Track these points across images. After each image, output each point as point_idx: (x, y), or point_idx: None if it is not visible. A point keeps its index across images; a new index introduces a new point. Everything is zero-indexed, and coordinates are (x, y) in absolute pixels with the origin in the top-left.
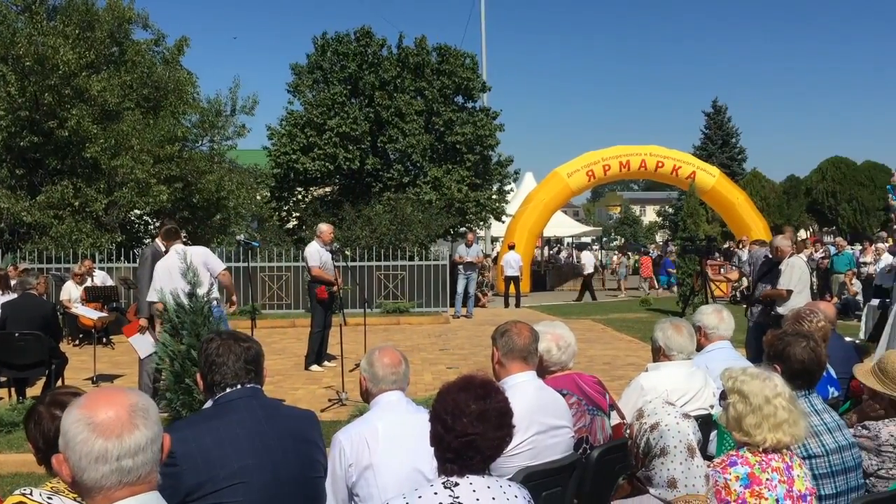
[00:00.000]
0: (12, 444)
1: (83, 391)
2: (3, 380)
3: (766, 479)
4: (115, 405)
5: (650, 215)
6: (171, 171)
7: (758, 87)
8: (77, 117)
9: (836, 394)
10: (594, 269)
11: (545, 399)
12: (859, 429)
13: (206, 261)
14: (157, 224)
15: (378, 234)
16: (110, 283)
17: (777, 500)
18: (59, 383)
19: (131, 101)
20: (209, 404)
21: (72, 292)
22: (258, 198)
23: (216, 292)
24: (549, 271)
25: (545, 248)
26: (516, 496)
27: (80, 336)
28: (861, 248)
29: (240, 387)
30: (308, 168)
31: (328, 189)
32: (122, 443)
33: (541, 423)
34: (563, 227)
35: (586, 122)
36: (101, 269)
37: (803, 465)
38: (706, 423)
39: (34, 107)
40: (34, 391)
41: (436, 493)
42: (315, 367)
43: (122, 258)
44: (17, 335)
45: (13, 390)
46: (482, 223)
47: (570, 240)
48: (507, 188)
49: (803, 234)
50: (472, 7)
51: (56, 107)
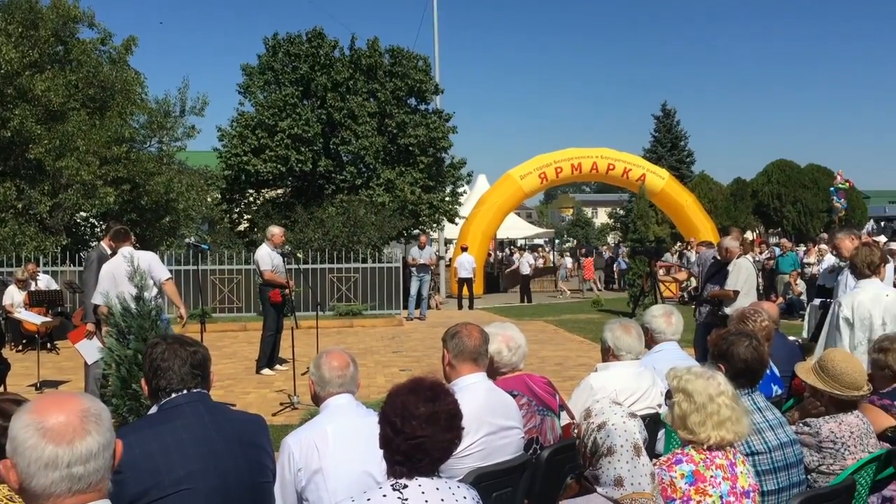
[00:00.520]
0: None
1: (25, 399)
2: None
3: (711, 477)
4: (67, 410)
5: (602, 217)
6: (118, 172)
7: (705, 91)
8: (20, 117)
9: (780, 392)
10: (531, 272)
11: (495, 400)
12: (801, 426)
13: (150, 268)
14: (104, 227)
15: (331, 237)
16: (55, 287)
17: (721, 497)
18: (0, 390)
19: (77, 101)
20: (154, 410)
21: (14, 297)
22: (208, 200)
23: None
24: (502, 273)
25: (498, 250)
26: (465, 497)
27: (24, 342)
28: (805, 249)
29: (186, 392)
30: (259, 170)
31: (280, 191)
32: (73, 449)
33: (491, 424)
34: (516, 229)
35: (539, 125)
36: (46, 272)
37: (746, 461)
38: (654, 421)
39: None
40: None
41: (385, 496)
42: (267, 371)
43: (68, 261)
44: None
45: None
46: (435, 225)
47: (523, 242)
48: (461, 190)
49: (750, 235)
50: (425, 10)
51: None
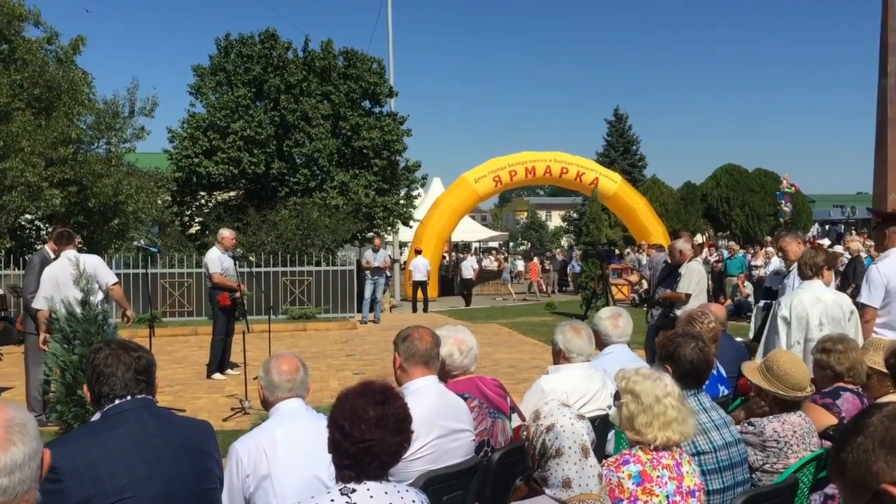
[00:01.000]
0: None
1: None
2: None
3: (657, 477)
4: None
5: (556, 220)
6: (64, 174)
7: (657, 96)
8: None
9: (726, 392)
10: (474, 276)
11: (446, 403)
12: (745, 425)
13: (96, 272)
14: (50, 229)
15: (284, 240)
16: None
17: (667, 497)
18: None
19: (22, 101)
20: (97, 416)
21: None
22: (159, 202)
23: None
24: (457, 276)
25: (453, 253)
26: (414, 501)
27: None
28: (752, 252)
29: (130, 398)
30: (211, 172)
31: (232, 193)
32: None
33: (442, 426)
34: (471, 232)
35: (493, 129)
36: None
37: (692, 461)
38: (604, 423)
39: None
40: None
41: (332, 501)
42: (218, 376)
43: (12, 265)
44: None
45: None
46: (390, 228)
47: (477, 245)
48: (415, 193)
49: (699, 238)
50: (379, 13)
51: None
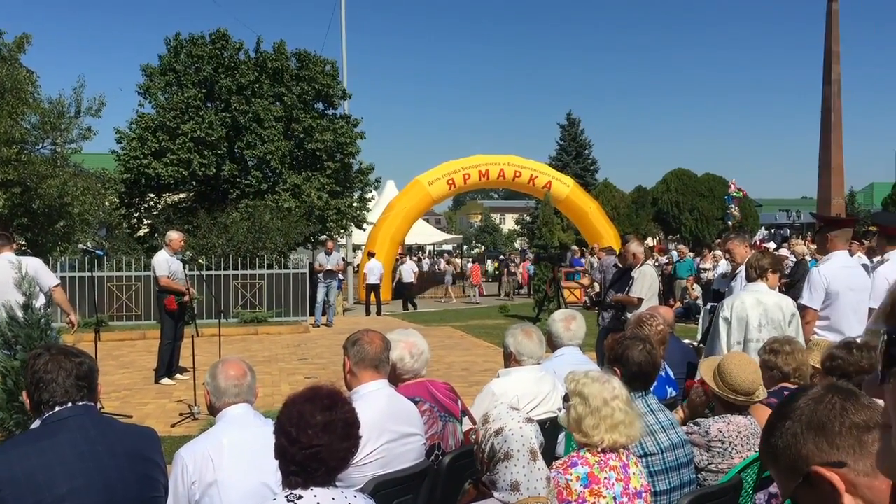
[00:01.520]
0: None
1: None
2: None
3: (605, 478)
4: None
5: (509, 223)
6: (7, 175)
7: (609, 101)
8: None
9: (674, 393)
10: (414, 279)
11: (397, 407)
12: (691, 425)
13: (36, 274)
14: None
15: (235, 242)
16: None
17: (614, 498)
18: None
19: None
20: (37, 424)
21: None
22: (106, 204)
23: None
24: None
25: (407, 255)
26: None
27: None
28: (701, 255)
29: (71, 405)
30: (160, 173)
31: (182, 195)
32: None
33: (392, 431)
34: (425, 235)
35: (447, 132)
36: None
37: (639, 462)
38: (554, 425)
39: None
40: None
41: None
42: (166, 381)
43: None
44: None
45: None
46: (343, 231)
47: (431, 247)
48: (369, 196)
49: (650, 241)
50: (333, 15)
51: None
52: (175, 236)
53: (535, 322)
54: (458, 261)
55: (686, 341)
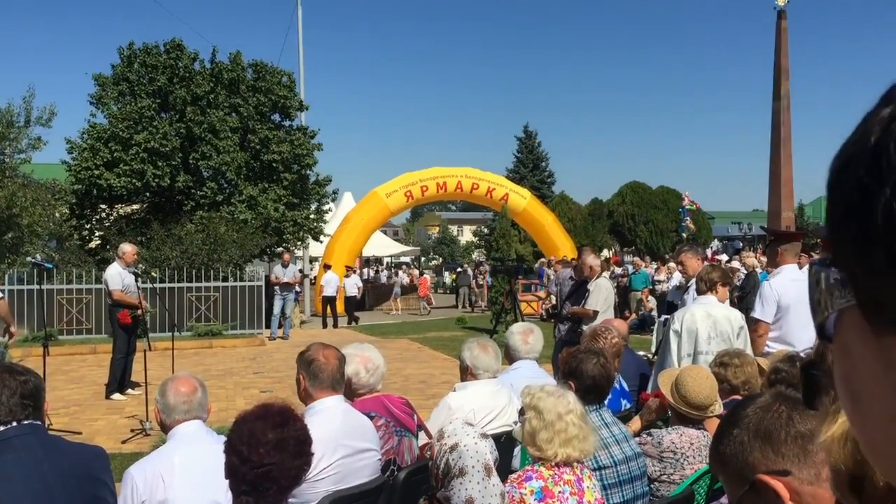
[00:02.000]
0: None
1: None
2: None
3: (559, 492)
4: None
5: (467, 235)
6: None
7: (565, 114)
8: None
9: (629, 406)
10: (358, 293)
11: (352, 422)
12: (644, 436)
13: None
14: None
15: (189, 255)
16: None
17: None
18: None
19: None
20: None
21: None
22: (56, 215)
23: None
24: (368, 291)
25: (364, 268)
26: None
27: None
28: (656, 267)
29: (16, 424)
30: (113, 184)
31: (135, 207)
32: None
33: (347, 446)
34: (383, 247)
35: (404, 144)
36: None
37: (593, 476)
38: (510, 439)
39: None
40: None
41: None
42: (117, 396)
43: None
44: None
45: None
46: (300, 243)
47: (389, 259)
48: (326, 208)
49: (606, 253)
50: (290, 27)
51: None
52: (128, 249)
53: (493, 334)
54: (415, 272)
55: (641, 353)
